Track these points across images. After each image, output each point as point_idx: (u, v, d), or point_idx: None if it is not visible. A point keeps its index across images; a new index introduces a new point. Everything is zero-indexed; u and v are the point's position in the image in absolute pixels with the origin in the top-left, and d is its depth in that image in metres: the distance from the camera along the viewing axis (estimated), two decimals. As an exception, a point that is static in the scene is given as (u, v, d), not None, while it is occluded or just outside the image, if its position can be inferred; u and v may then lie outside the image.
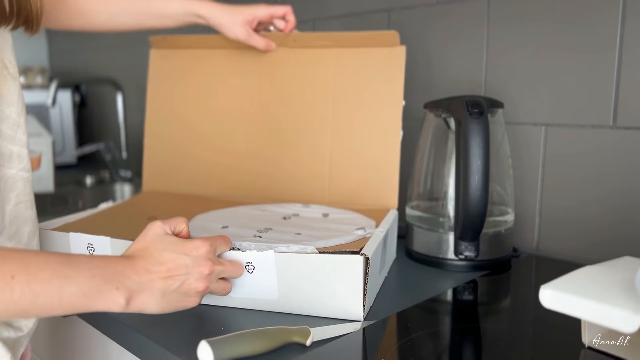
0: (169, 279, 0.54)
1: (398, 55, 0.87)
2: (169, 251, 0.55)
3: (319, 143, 0.92)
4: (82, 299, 0.48)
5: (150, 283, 0.53)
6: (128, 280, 0.51)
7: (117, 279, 0.50)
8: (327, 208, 0.85)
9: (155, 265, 0.54)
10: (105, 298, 0.49)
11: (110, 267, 0.51)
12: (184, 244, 0.56)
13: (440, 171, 0.86)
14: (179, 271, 0.54)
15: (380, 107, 0.88)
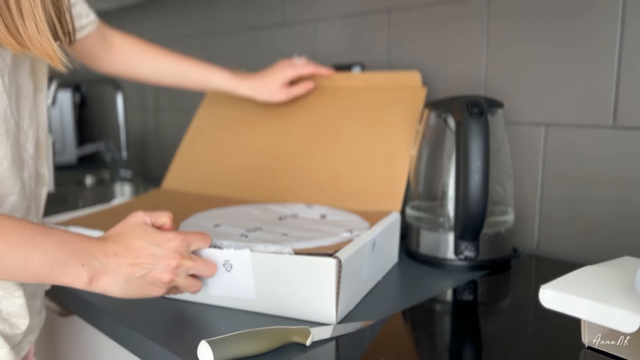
0: (135, 266, 0.55)
1: (419, 95, 0.93)
2: (141, 239, 0.57)
3: (326, 145, 0.94)
4: (47, 269, 0.50)
5: (116, 266, 0.54)
6: (95, 259, 0.53)
7: (83, 256, 0.53)
8: (328, 209, 0.85)
9: (125, 250, 0.55)
10: (69, 272, 0.51)
11: (80, 243, 0.53)
12: (157, 235, 0.58)
13: (440, 171, 0.86)
14: (147, 260, 0.56)
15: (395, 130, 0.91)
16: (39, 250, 0.50)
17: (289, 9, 1.27)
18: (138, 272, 0.56)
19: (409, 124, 0.90)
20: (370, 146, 0.91)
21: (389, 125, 0.91)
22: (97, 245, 0.54)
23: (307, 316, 0.62)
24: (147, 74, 0.93)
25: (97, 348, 0.77)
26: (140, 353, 0.60)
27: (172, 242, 0.58)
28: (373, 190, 0.88)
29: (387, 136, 0.90)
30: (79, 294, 0.72)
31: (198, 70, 0.94)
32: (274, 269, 0.62)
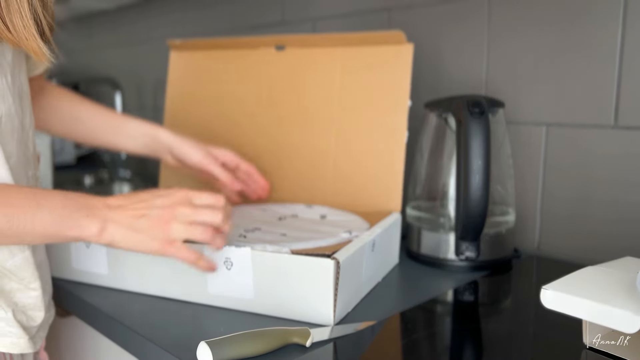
0: (136, 212, 0.58)
1: (405, 53, 0.86)
2: (146, 194, 0.60)
3: (324, 144, 0.93)
4: (54, 226, 0.54)
5: (118, 216, 0.57)
6: (98, 211, 0.57)
7: (88, 209, 0.56)
8: (328, 209, 0.85)
9: (128, 202, 0.58)
10: (76, 224, 0.55)
11: (82, 199, 0.57)
12: (163, 190, 0.61)
13: (440, 171, 0.86)
14: (147, 208, 0.58)
15: (386, 107, 0.88)
16: (43, 210, 0.53)
17: (288, 9, 1.27)
18: (139, 220, 0.58)
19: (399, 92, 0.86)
20: (362, 133, 0.89)
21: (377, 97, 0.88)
22: (101, 200, 0.58)
23: (305, 317, 0.62)
24: (62, 124, 0.84)
25: (96, 349, 0.77)
26: (139, 354, 0.60)
27: (176, 194, 0.60)
28: (370, 190, 0.88)
29: (378, 114, 0.88)
30: (79, 294, 0.72)
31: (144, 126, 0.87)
32: (274, 269, 0.62)
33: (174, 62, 1.07)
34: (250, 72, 0.99)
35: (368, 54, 0.89)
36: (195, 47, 1.05)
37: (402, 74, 0.85)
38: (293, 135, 0.95)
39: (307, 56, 0.94)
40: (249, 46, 0.98)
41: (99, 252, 0.72)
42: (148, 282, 0.70)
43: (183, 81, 1.07)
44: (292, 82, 0.95)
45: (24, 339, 0.59)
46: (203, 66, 1.04)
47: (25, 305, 0.60)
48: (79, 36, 2.16)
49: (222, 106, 1.03)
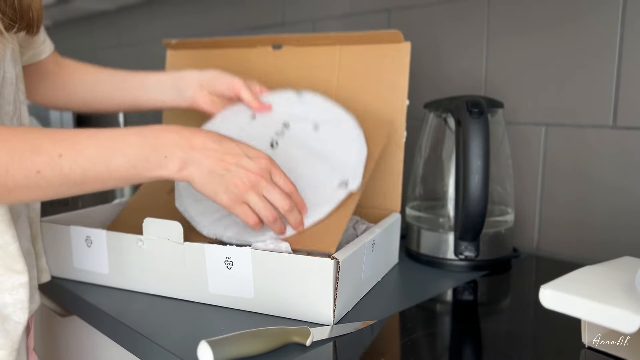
0: (221, 162, 0.58)
1: (402, 52, 0.86)
2: (235, 144, 0.59)
3: None
4: (131, 170, 0.53)
5: (202, 158, 0.57)
6: (180, 150, 0.55)
7: (167, 149, 0.55)
8: (320, 110, 0.83)
9: (215, 146, 0.57)
10: (156, 166, 0.54)
11: (161, 136, 0.55)
12: (251, 148, 0.60)
13: (440, 171, 0.86)
14: (232, 162, 0.58)
15: (384, 107, 0.88)
16: (118, 156, 0.52)
17: (289, 9, 1.27)
18: (220, 170, 0.58)
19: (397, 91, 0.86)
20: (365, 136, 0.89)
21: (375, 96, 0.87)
22: (186, 137, 0.56)
23: (305, 316, 0.62)
24: (83, 96, 0.83)
25: (97, 348, 0.77)
26: (140, 353, 0.60)
27: (262, 160, 0.60)
28: (369, 189, 0.87)
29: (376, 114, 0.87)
30: (80, 293, 0.72)
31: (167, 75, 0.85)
32: (274, 268, 0.62)
33: (170, 62, 1.07)
34: (247, 71, 0.99)
35: (365, 53, 0.89)
36: (191, 46, 1.05)
37: (399, 72, 0.85)
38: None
39: (305, 55, 0.94)
40: (246, 45, 0.98)
41: (100, 251, 0.73)
42: (149, 281, 0.71)
43: None
44: (290, 81, 0.95)
45: (6, 351, 0.56)
46: (200, 65, 1.04)
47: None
48: (80, 37, 2.16)
49: None
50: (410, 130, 0.93)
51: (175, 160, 0.55)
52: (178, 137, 0.56)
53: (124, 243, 0.71)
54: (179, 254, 0.67)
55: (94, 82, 0.84)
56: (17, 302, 0.57)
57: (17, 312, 0.57)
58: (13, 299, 0.57)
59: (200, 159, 0.57)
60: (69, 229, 0.74)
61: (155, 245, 0.68)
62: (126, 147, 0.53)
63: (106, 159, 0.52)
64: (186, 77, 0.84)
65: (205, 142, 0.57)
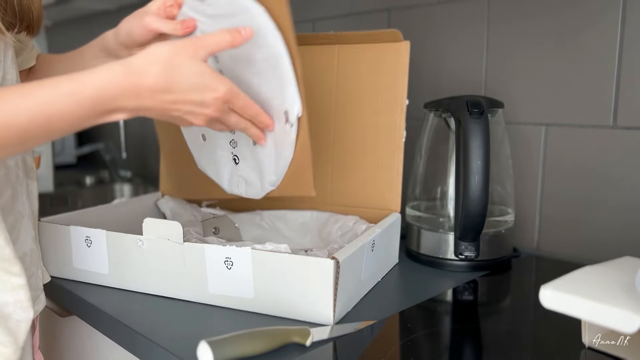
0: (171, 111, 0.54)
1: (402, 51, 0.85)
2: (187, 82, 0.53)
3: (322, 144, 0.92)
4: (74, 128, 0.50)
5: (150, 108, 0.53)
6: (128, 104, 0.51)
7: (111, 105, 0.50)
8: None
9: (165, 93, 0.52)
10: (99, 120, 0.51)
11: (104, 95, 0.50)
12: (207, 79, 0.54)
13: (440, 171, 0.86)
14: (185, 106, 0.54)
15: (383, 107, 0.87)
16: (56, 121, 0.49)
17: (288, 9, 1.27)
18: (173, 113, 0.54)
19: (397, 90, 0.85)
20: (360, 133, 0.88)
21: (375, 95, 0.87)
22: (129, 89, 0.51)
23: (305, 316, 0.62)
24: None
25: (97, 348, 0.77)
26: (140, 353, 0.60)
27: (217, 96, 0.55)
28: (369, 190, 0.87)
29: (376, 113, 0.87)
30: (80, 294, 0.72)
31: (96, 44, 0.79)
32: (274, 268, 0.62)
33: None
34: None
35: (364, 52, 0.88)
36: None
37: (399, 72, 0.85)
38: None
39: (303, 55, 0.93)
40: None
41: (100, 251, 0.73)
42: (149, 281, 0.71)
43: None
44: None
45: (10, 349, 0.56)
46: None
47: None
48: (80, 37, 2.16)
49: None
50: (410, 130, 0.93)
51: (120, 113, 0.52)
52: (120, 91, 0.51)
53: (124, 243, 0.71)
54: (179, 254, 0.67)
55: (62, 69, 0.80)
56: (17, 302, 0.57)
57: (18, 311, 0.57)
58: (14, 299, 0.57)
59: (149, 107, 0.53)
60: (68, 229, 0.74)
61: (155, 245, 0.68)
62: (62, 111, 0.48)
63: (43, 124, 0.48)
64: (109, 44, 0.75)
65: (154, 89, 0.52)
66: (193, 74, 0.53)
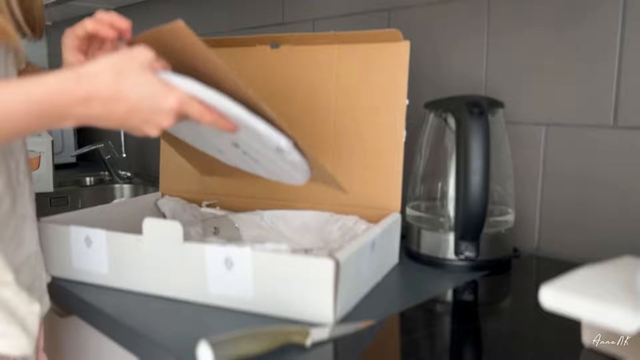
0: (125, 119, 0.53)
1: (402, 51, 0.85)
2: (137, 90, 0.52)
3: (322, 144, 0.92)
4: (23, 131, 0.49)
5: (102, 115, 0.51)
6: (78, 111, 0.50)
7: (60, 112, 0.49)
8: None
9: (115, 102, 0.51)
10: (49, 126, 0.50)
11: (53, 102, 0.49)
12: (157, 89, 0.53)
13: (440, 171, 0.86)
14: (139, 115, 0.53)
15: (383, 106, 0.87)
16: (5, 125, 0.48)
17: (288, 9, 1.27)
18: (126, 122, 0.53)
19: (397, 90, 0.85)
20: (360, 134, 0.88)
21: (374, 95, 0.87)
22: (79, 99, 0.50)
23: (305, 316, 0.62)
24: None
25: (97, 348, 0.77)
26: (140, 353, 0.60)
27: (169, 106, 0.53)
28: (369, 190, 0.87)
29: (376, 113, 0.87)
30: (79, 293, 0.72)
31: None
32: (273, 268, 0.62)
33: None
34: (244, 71, 0.99)
35: (364, 52, 0.88)
36: None
37: (399, 72, 0.85)
38: None
39: (303, 54, 0.94)
40: (244, 44, 0.98)
41: (100, 251, 0.73)
42: (148, 281, 0.70)
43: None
44: (288, 80, 0.95)
45: (25, 339, 0.58)
46: None
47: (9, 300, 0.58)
48: (80, 36, 2.16)
49: None
50: (410, 130, 0.93)
51: (69, 120, 0.51)
52: (70, 98, 0.49)
53: (124, 243, 0.71)
54: (179, 254, 0.67)
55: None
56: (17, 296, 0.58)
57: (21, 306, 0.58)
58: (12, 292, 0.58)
59: (100, 115, 0.51)
60: (68, 229, 0.74)
61: (155, 245, 0.68)
62: (10, 114, 0.47)
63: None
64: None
65: (103, 99, 0.50)
66: (141, 83, 0.52)
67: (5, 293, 0.58)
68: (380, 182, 0.86)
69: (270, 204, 0.94)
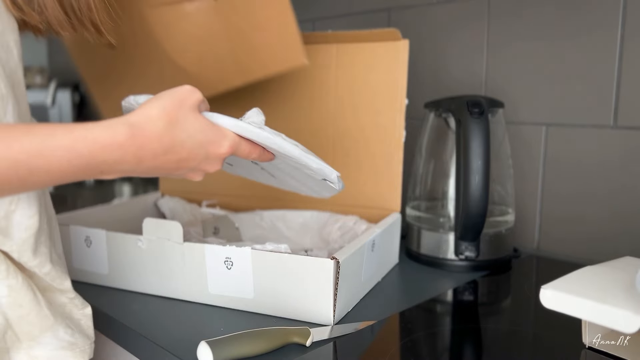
0: (174, 170, 0.50)
1: (401, 50, 0.85)
2: (191, 140, 0.49)
3: (321, 144, 0.92)
4: (57, 182, 0.44)
5: (151, 172, 0.48)
6: (125, 166, 0.46)
7: (106, 167, 0.45)
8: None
9: (168, 155, 0.48)
10: (86, 178, 0.45)
11: (100, 157, 0.44)
12: (210, 136, 0.50)
13: (440, 171, 0.86)
14: (189, 164, 0.50)
15: (383, 106, 0.87)
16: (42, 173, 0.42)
17: (288, 9, 1.27)
18: (174, 172, 0.51)
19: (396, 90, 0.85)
20: (359, 133, 0.88)
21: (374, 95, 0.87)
22: (131, 154, 0.45)
23: (305, 317, 0.62)
24: None
25: (97, 348, 0.77)
26: (140, 353, 0.60)
27: (222, 152, 0.51)
28: (369, 190, 0.87)
29: (375, 113, 0.87)
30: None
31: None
32: (274, 268, 0.62)
33: None
34: None
35: (363, 51, 0.88)
36: None
37: (398, 71, 0.85)
38: (289, 135, 0.95)
39: None
40: None
41: (100, 251, 0.73)
42: (149, 281, 0.71)
43: None
44: (287, 80, 0.95)
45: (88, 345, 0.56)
46: None
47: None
48: (80, 36, 2.16)
49: (216, 105, 1.02)
50: (410, 130, 0.93)
51: (115, 174, 0.47)
52: (121, 154, 0.45)
53: (124, 243, 0.71)
54: (178, 254, 0.67)
55: None
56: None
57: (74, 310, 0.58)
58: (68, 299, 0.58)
59: (149, 169, 0.48)
60: (68, 229, 0.74)
61: (155, 245, 0.68)
62: (48, 167, 0.42)
63: (23, 176, 0.41)
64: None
65: (156, 151, 0.47)
66: (195, 131, 0.49)
67: (61, 299, 0.57)
68: (380, 182, 0.86)
69: (270, 204, 0.94)
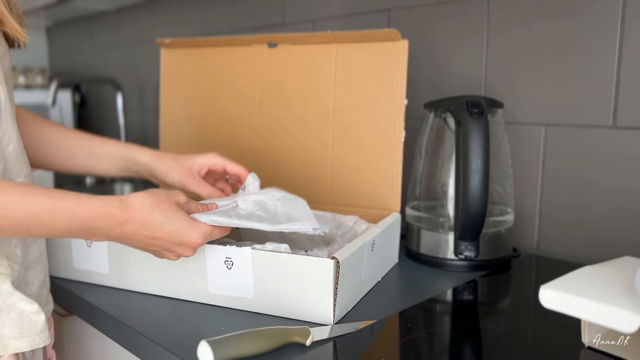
0: (150, 246, 0.59)
1: (400, 50, 0.85)
2: (168, 224, 0.58)
3: (321, 144, 0.92)
4: (52, 236, 0.55)
5: (130, 241, 0.58)
6: (111, 232, 0.56)
7: (97, 231, 0.55)
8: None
9: (146, 232, 0.58)
10: (77, 237, 0.56)
11: (94, 223, 0.55)
12: (187, 229, 0.60)
13: (440, 171, 0.86)
14: (163, 245, 0.59)
15: (382, 106, 0.87)
16: (43, 227, 0.52)
17: (288, 9, 1.27)
18: (150, 247, 0.59)
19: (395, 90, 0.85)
20: (358, 133, 0.88)
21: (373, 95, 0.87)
22: (117, 224, 0.56)
23: (305, 316, 0.62)
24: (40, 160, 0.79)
25: (97, 348, 0.77)
26: (140, 353, 0.60)
27: (195, 243, 0.60)
28: (368, 190, 0.87)
29: (375, 113, 0.87)
30: (80, 293, 0.72)
31: (121, 147, 0.82)
32: (274, 268, 0.62)
33: (165, 61, 1.07)
34: (242, 71, 0.99)
35: (362, 52, 0.88)
36: (185, 45, 1.04)
37: (397, 71, 0.85)
38: (289, 136, 0.95)
39: (301, 54, 0.94)
40: (241, 44, 0.98)
41: (100, 251, 0.73)
42: (149, 281, 0.71)
43: (176, 79, 1.06)
44: (286, 80, 0.95)
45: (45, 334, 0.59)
46: (195, 64, 1.04)
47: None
48: (80, 37, 2.16)
49: (215, 105, 1.02)
50: (410, 130, 0.93)
51: (101, 238, 0.57)
52: (111, 225, 0.56)
53: (124, 243, 0.71)
54: (179, 254, 0.67)
55: (49, 143, 0.79)
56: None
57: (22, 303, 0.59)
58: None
59: (129, 237, 0.58)
60: None
61: (155, 245, 0.68)
62: (53, 223, 0.53)
63: (32, 226, 0.52)
64: (139, 161, 0.81)
65: (138, 230, 0.57)
66: (173, 218, 0.59)
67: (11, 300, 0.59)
68: (380, 182, 0.86)
69: None
